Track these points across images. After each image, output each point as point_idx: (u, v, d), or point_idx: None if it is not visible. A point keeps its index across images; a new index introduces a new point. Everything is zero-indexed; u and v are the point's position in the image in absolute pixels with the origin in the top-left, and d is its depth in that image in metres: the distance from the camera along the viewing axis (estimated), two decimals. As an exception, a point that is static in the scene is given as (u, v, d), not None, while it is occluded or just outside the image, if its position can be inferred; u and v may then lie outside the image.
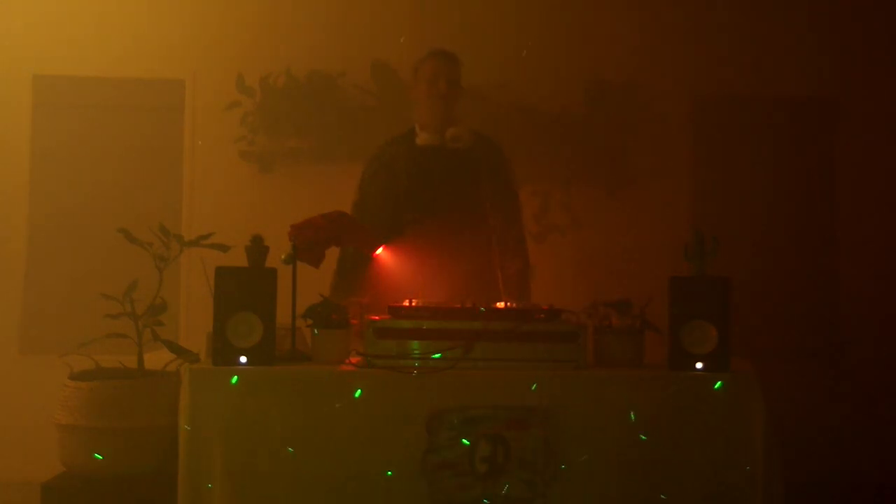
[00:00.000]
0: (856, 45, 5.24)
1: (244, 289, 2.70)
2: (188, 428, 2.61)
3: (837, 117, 5.29)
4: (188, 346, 3.13)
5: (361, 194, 3.62)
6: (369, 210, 3.55)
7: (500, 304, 2.83)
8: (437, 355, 2.66)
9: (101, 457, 2.96)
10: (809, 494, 3.26)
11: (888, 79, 5.24)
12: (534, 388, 2.63)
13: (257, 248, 2.78)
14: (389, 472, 2.61)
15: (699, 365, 2.68)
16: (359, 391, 2.62)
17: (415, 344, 2.69)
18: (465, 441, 2.60)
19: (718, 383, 2.64)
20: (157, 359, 3.18)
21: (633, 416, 2.62)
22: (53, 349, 3.66)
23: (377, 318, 2.74)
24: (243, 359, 2.69)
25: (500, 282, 3.42)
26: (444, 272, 3.31)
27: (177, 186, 5.20)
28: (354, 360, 2.76)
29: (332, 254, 3.24)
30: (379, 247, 3.38)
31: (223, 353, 2.69)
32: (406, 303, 2.79)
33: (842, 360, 5.17)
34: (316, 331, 2.81)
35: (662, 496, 2.62)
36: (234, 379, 2.64)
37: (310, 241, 3.04)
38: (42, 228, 5.19)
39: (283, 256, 2.92)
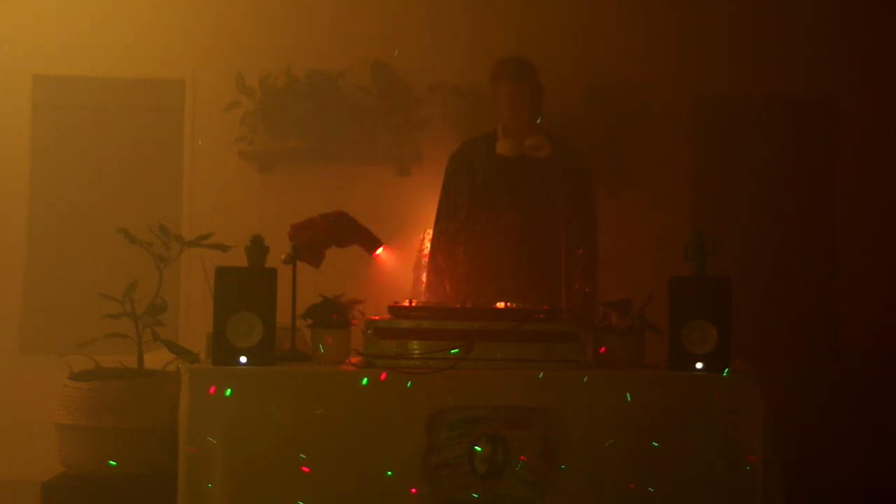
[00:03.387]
0: (856, 45, 5.24)
1: (244, 289, 2.70)
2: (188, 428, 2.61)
3: (838, 117, 5.29)
4: (188, 346, 3.13)
5: (445, 194, 3.69)
6: (451, 208, 3.63)
7: (500, 304, 2.82)
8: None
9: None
10: (810, 494, 3.27)
11: (888, 79, 5.24)
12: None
13: (257, 248, 2.78)
14: (389, 472, 2.61)
15: (699, 365, 2.68)
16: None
17: (415, 344, 2.69)
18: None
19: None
20: (157, 359, 3.18)
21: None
22: (53, 349, 3.66)
23: (377, 318, 2.74)
24: (243, 359, 2.69)
25: (562, 299, 3.43)
26: (507, 273, 3.35)
27: (177, 186, 5.20)
28: (354, 360, 2.76)
29: (332, 254, 3.24)
30: (379, 247, 3.38)
31: (223, 353, 2.69)
32: (406, 303, 2.79)
33: (842, 360, 5.18)
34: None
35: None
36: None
37: (310, 241, 3.04)
38: (42, 228, 5.19)
39: (283, 256, 2.92)
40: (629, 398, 2.62)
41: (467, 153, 3.69)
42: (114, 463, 2.94)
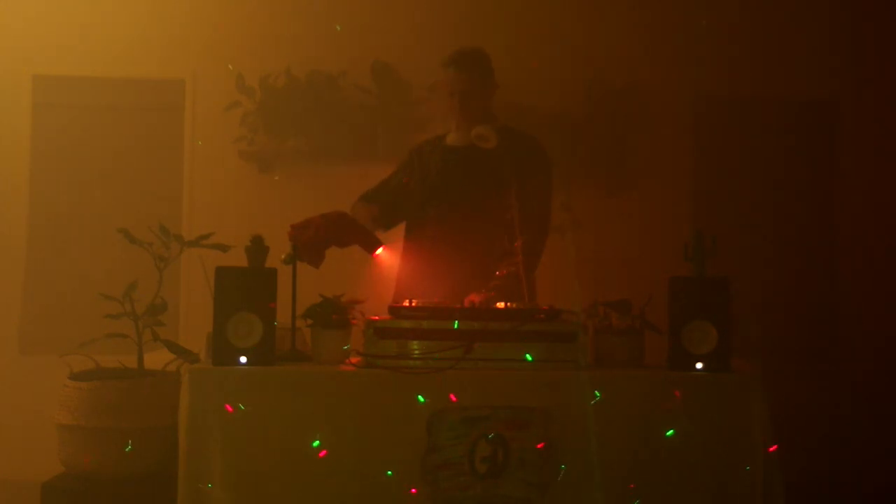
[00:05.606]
0: (857, 46, 5.24)
1: (244, 289, 2.70)
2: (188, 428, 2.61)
3: (838, 118, 5.30)
4: (188, 346, 3.13)
5: (391, 174, 3.68)
6: (388, 191, 3.61)
7: (500, 304, 2.82)
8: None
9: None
10: (810, 494, 3.26)
11: (889, 80, 5.24)
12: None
13: (257, 248, 2.78)
14: (389, 473, 2.61)
15: (699, 365, 2.68)
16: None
17: (415, 344, 2.69)
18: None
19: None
20: (157, 359, 3.18)
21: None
22: (53, 349, 3.66)
23: (377, 318, 2.74)
24: (243, 359, 2.69)
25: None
26: (453, 268, 3.33)
27: (177, 186, 5.20)
28: (354, 360, 2.76)
29: (332, 254, 3.24)
30: (379, 247, 3.38)
31: (223, 353, 2.69)
32: (406, 303, 2.79)
33: (842, 361, 5.18)
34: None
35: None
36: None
37: (310, 241, 3.04)
38: (42, 228, 5.19)
39: (283, 256, 2.92)
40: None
41: (423, 148, 3.69)
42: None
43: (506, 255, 3.37)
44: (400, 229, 3.69)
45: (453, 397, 2.62)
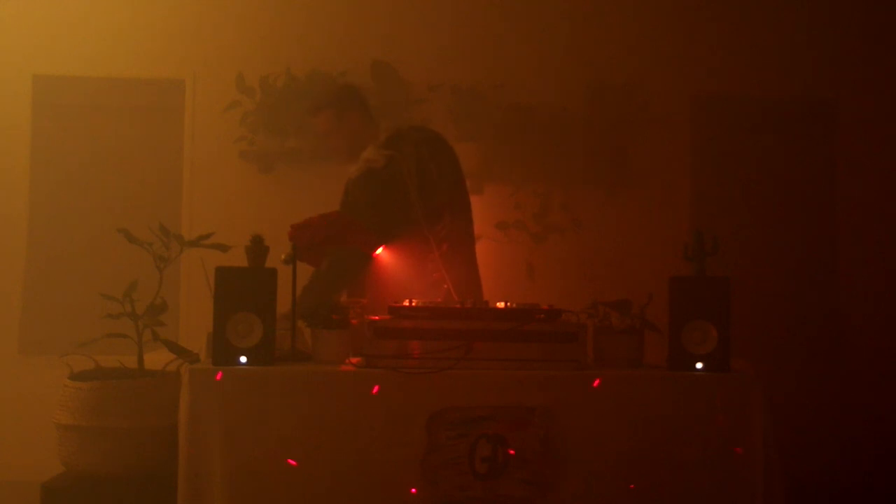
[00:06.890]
0: (855, 45, 5.25)
1: (244, 289, 2.70)
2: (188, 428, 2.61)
3: (837, 118, 5.30)
4: (188, 346, 3.12)
5: None
6: None
7: (500, 304, 2.82)
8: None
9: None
10: (809, 494, 3.27)
11: (888, 79, 5.25)
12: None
13: (257, 248, 2.78)
14: (389, 473, 2.61)
15: (699, 365, 2.68)
16: None
17: (415, 344, 2.68)
18: None
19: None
20: (157, 359, 3.17)
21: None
22: (53, 349, 3.65)
23: (377, 318, 2.74)
24: (243, 359, 2.69)
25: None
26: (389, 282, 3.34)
27: (177, 186, 5.20)
28: (354, 360, 2.76)
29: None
30: (378, 247, 3.38)
31: (223, 353, 2.69)
32: (406, 303, 2.79)
33: (842, 360, 5.18)
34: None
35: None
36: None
37: (310, 241, 3.04)
38: (42, 228, 5.19)
39: (283, 256, 2.92)
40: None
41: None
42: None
43: (426, 260, 3.37)
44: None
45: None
